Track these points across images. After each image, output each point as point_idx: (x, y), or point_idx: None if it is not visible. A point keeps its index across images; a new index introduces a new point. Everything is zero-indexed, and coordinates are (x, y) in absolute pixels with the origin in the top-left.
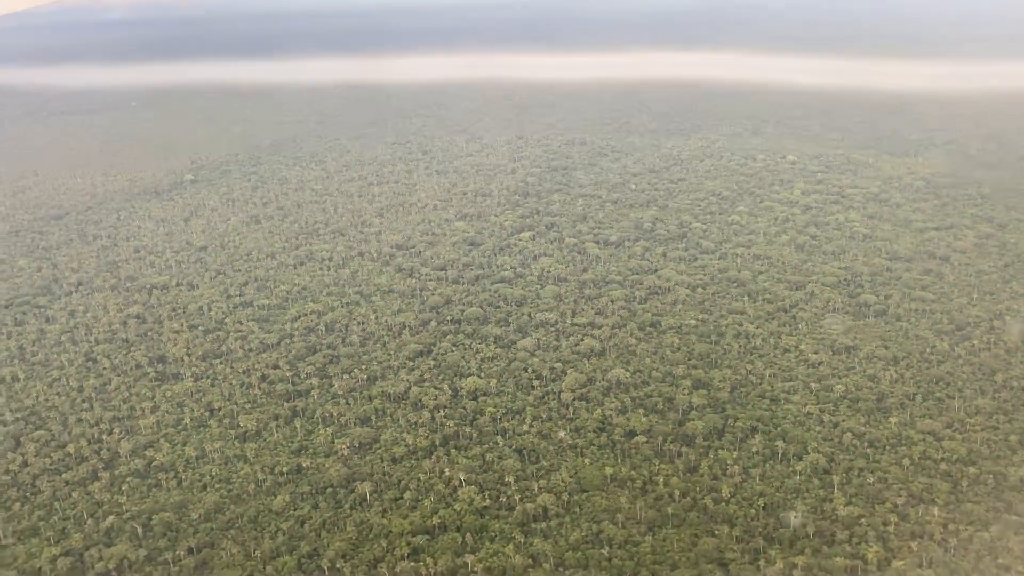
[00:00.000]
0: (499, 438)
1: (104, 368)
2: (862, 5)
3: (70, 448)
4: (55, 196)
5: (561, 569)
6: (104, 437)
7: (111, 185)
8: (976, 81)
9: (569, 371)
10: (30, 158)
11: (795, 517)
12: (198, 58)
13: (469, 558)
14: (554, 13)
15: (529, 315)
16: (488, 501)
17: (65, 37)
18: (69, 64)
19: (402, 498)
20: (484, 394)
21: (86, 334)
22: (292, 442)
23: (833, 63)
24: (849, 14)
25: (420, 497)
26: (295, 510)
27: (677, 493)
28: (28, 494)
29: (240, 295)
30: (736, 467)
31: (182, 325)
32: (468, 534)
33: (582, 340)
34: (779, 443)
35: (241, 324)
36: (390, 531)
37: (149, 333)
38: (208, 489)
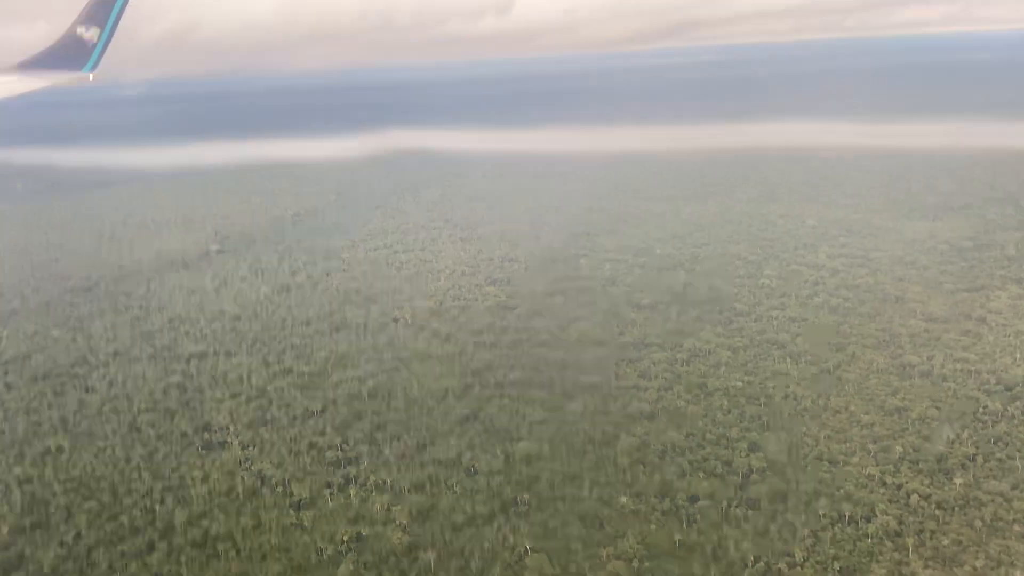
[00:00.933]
0: (560, 504)
1: (149, 437)
2: (846, 67)
3: (123, 519)
4: (83, 268)
5: None
6: (157, 507)
7: (138, 257)
8: (981, 140)
9: (622, 435)
10: (55, 231)
11: None
12: (214, 135)
13: None
14: (557, 88)
15: (573, 378)
16: (557, 569)
17: (84, 115)
18: (88, 141)
19: (468, 567)
20: (538, 459)
21: (127, 404)
22: (348, 510)
23: (833, 126)
24: (832, 77)
25: (487, 566)
26: None
27: (750, 558)
28: (84, 566)
29: (279, 362)
30: (806, 530)
31: (224, 394)
32: None
33: (630, 403)
34: (845, 505)
35: (283, 391)
36: None
37: (191, 402)
38: (268, 559)
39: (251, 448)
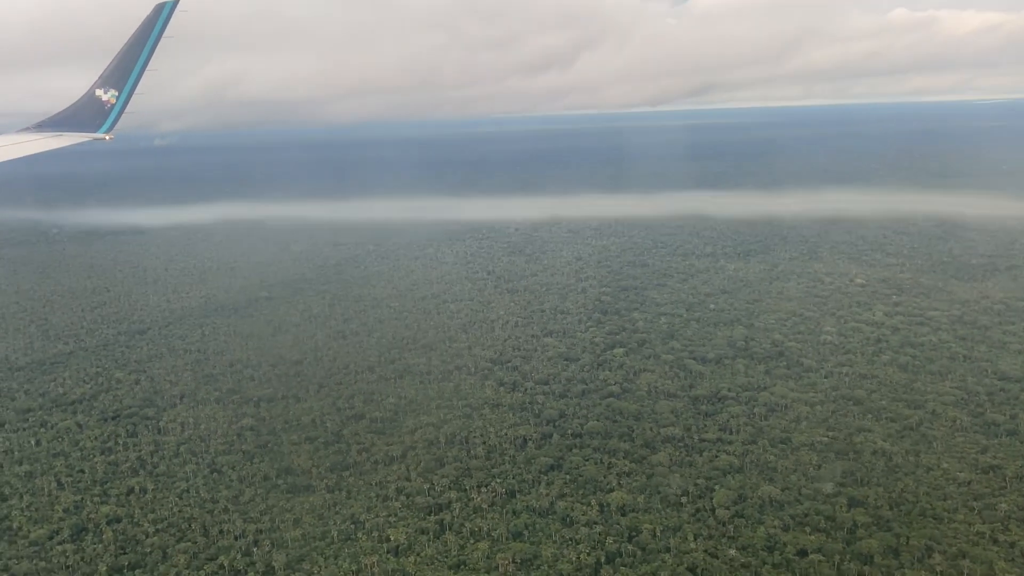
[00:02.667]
0: (665, 556)
1: (232, 479)
2: (861, 132)
3: (222, 560)
4: (133, 311)
5: None
6: (253, 549)
7: (185, 302)
8: (1014, 210)
9: (716, 487)
10: (98, 276)
11: None
12: (246, 186)
13: None
14: (584, 147)
15: (652, 430)
16: None
17: (115, 165)
18: (119, 191)
19: None
20: (632, 510)
21: (204, 445)
22: (447, 556)
23: (858, 192)
24: (848, 140)
25: None
26: None
27: None
28: None
29: (350, 407)
30: None
31: (300, 437)
32: None
33: (717, 456)
34: (963, 562)
35: (359, 436)
36: None
37: (268, 444)
38: None
39: (337, 492)
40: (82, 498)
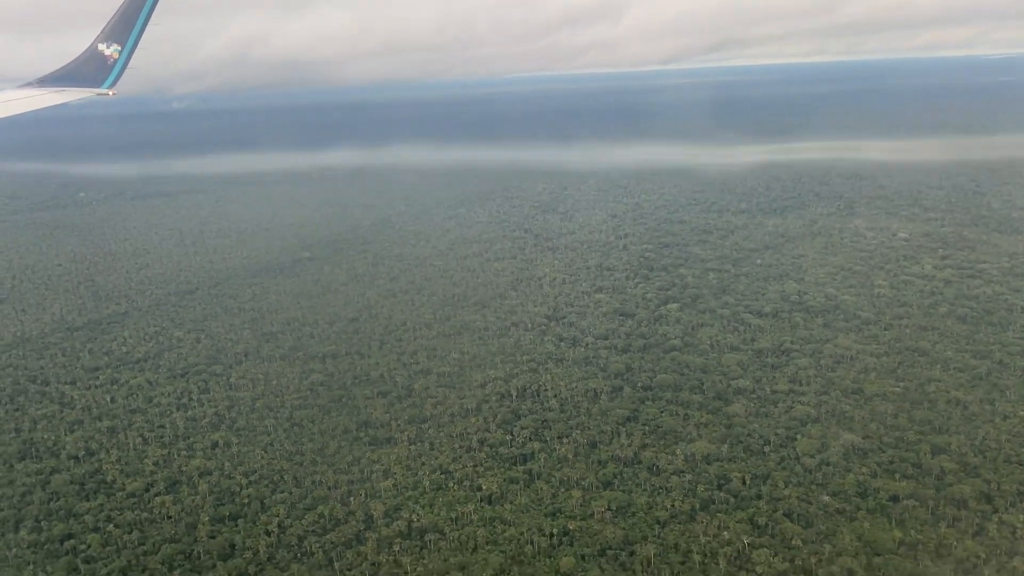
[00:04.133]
0: (759, 503)
1: (313, 433)
2: (878, 87)
3: (321, 510)
4: (178, 272)
5: None
6: (350, 499)
7: (228, 263)
8: None
9: (796, 437)
10: (134, 238)
11: None
12: (266, 146)
13: None
14: (608, 104)
15: (721, 382)
16: (785, 564)
17: (134, 127)
18: (138, 152)
19: (689, 560)
20: (717, 459)
21: (278, 400)
22: (540, 504)
23: (886, 150)
24: (866, 96)
25: (709, 560)
26: (584, 572)
27: (982, 555)
28: (299, 555)
29: (415, 363)
30: None
31: (372, 392)
32: None
33: (792, 407)
34: None
35: (430, 390)
36: None
37: (342, 399)
38: (479, 550)
39: (419, 444)
40: (168, 452)
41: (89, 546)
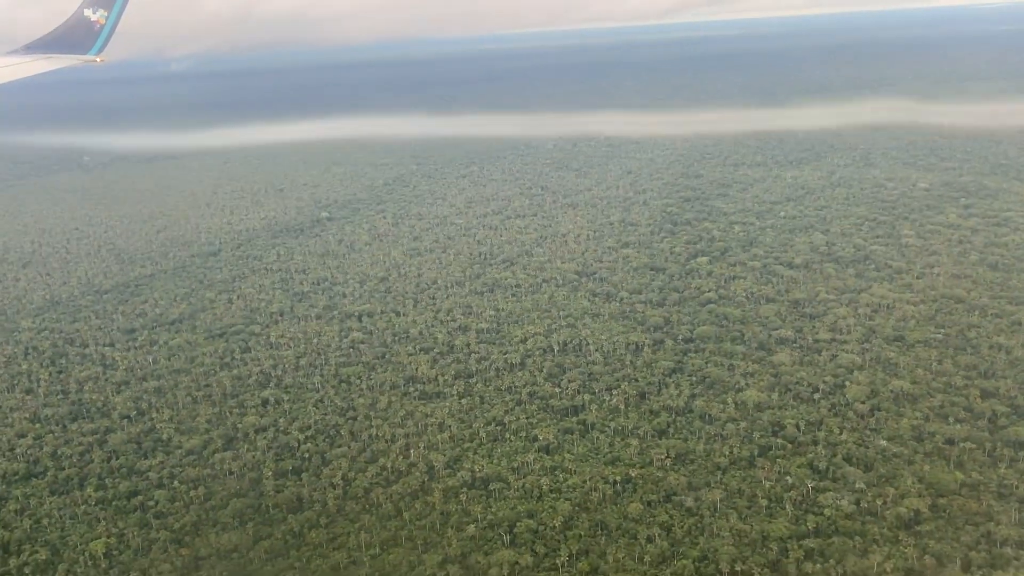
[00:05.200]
0: (816, 448)
1: (362, 388)
2: (874, 39)
3: (383, 462)
4: (198, 235)
5: (972, 569)
6: (410, 452)
7: (247, 224)
8: None
9: (845, 384)
10: (148, 201)
11: None
12: (267, 109)
13: (874, 558)
14: (611, 60)
15: (762, 333)
16: (852, 506)
17: (133, 91)
18: (139, 117)
19: (755, 503)
20: (768, 407)
21: (322, 358)
22: (598, 453)
23: (893, 102)
24: (867, 49)
25: (775, 503)
26: (653, 516)
27: None
28: (368, 506)
29: (451, 320)
30: None
31: (414, 348)
32: (857, 537)
33: (836, 355)
34: None
35: (471, 346)
36: (767, 535)
37: (385, 356)
38: (545, 499)
39: (469, 398)
40: (220, 410)
41: (157, 502)
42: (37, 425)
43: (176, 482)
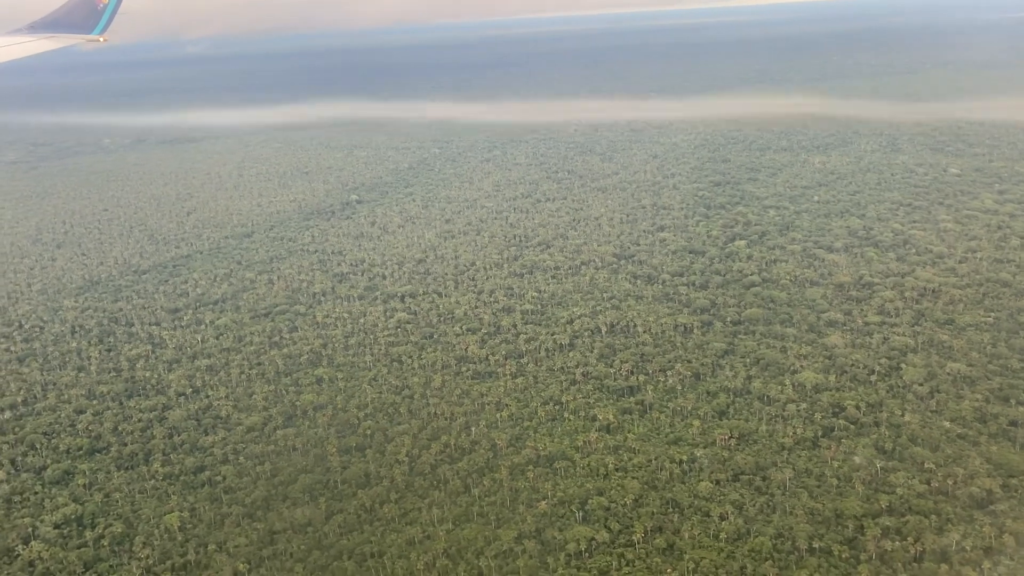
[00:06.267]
0: (880, 428)
1: (414, 368)
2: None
3: (445, 439)
4: (229, 216)
5: None
6: (472, 429)
7: (277, 207)
8: None
9: (900, 366)
10: (174, 183)
11: None
12: (283, 92)
13: (952, 536)
14: (622, 45)
15: (810, 315)
16: (922, 486)
17: (148, 74)
18: (155, 99)
19: (824, 483)
20: (826, 388)
21: (371, 338)
22: (659, 433)
23: (913, 87)
24: (872, 35)
25: (844, 482)
26: (723, 495)
27: None
28: (435, 482)
29: (494, 301)
30: None
31: (461, 328)
32: (932, 516)
33: (889, 337)
34: None
35: (518, 327)
36: (841, 513)
37: (433, 336)
38: (611, 477)
39: (522, 377)
40: (275, 388)
41: (224, 478)
42: (94, 402)
43: (241, 458)
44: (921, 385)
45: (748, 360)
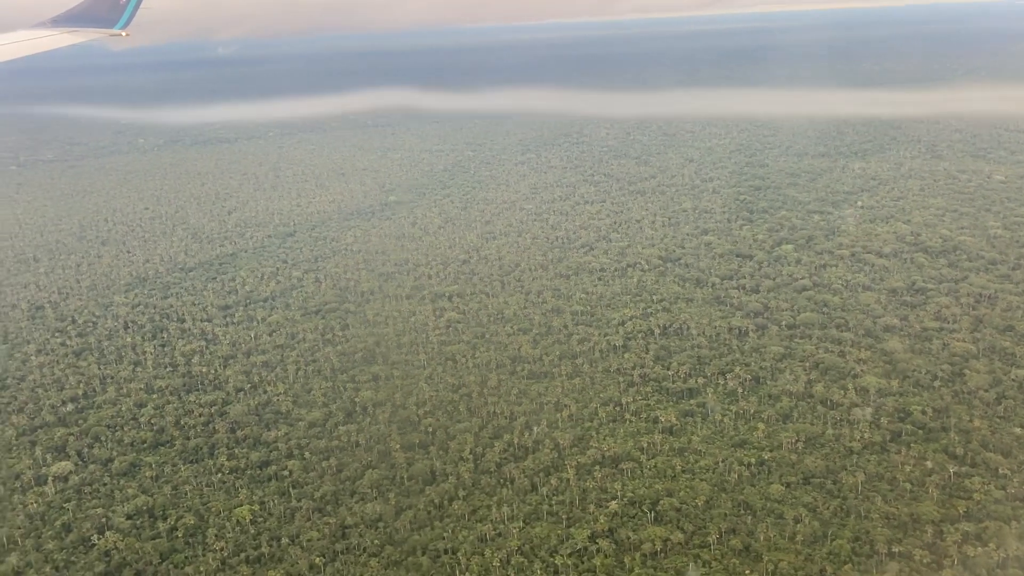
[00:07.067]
0: (949, 434)
1: (468, 366)
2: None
3: (508, 439)
4: (270, 216)
5: None
6: (534, 429)
7: (316, 207)
8: None
9: (963, 372)
10: (212, 182)
11: None
12: (313, 91)
13: None
14: (653, 50)
15: (866, 321)
16: (999, 492)
17: (181, 74)
18: (188, 98)
19: (897, 487)
20: (889, 393)
21: (422, 336)
22: (723, 436)
23: (944, 95)
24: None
25: (918, 487)
26: (795, 498)
27: None
28: (502, 480)
29: (543, 302)
30: None
31: (512, 328)
32: (1012, 522)
33: (948, 344)
34: None
35: (568, 327)
36: (918, 518)
37: (485, 335)
38: (679, 478)
39: (579, 378)
40: (333, 384)
41: (291, 472)
42: (154, 396)
43: (306, 453)
44: (987, 391)
45: (807, 364)
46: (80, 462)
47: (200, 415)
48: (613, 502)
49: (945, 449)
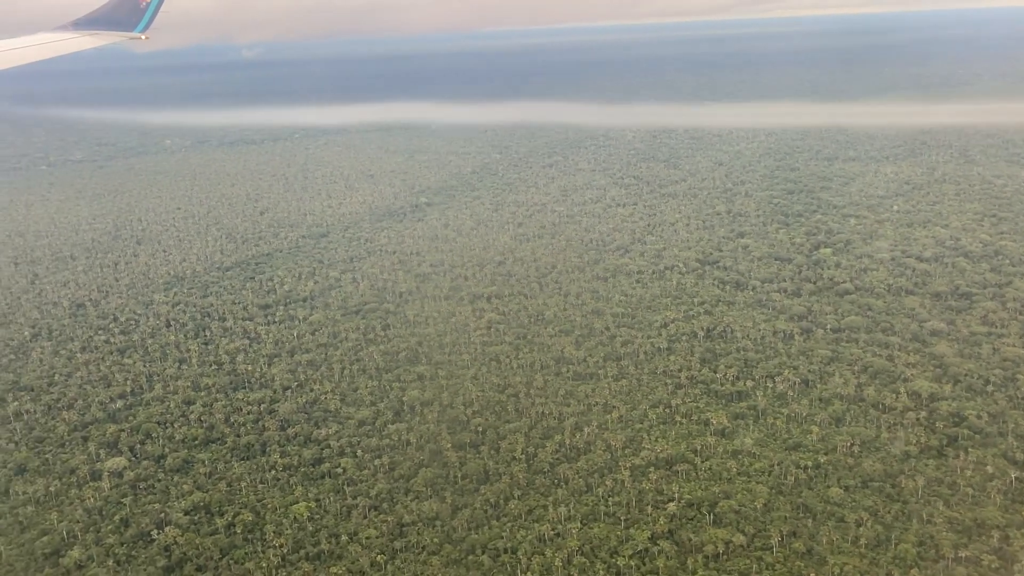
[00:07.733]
0: (1007, 439)
1: (512, 367)
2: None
3: (558, 439)
4: (302, 216)
5: None
6: (584, 430)
7: (347, 208)
8: None
9: (1018, 377)
10: (242, 183)
11: None
12: (339, 95)
13: None
14: (672, 55)
15: (912, 324)
16: None
17: (207, 76)
18: (214, 101)
19: (959, 492)
20: (941, 398)
21: (464, 337)
22: (776, 439)
23: (974, 102)
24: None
25: (979, 492)
26: (856, 501)
27: None
28: (556, 481)
29: (582, 303)
30: None
31: (554, 330)
32: None
33: (998, 348)
34: None
35: (611, 329)
36: (982, 523)
37: (527, 336)
38: (735, 481)
39: (624, 380)
40: (379, 383)
41: (344, 470)
42: (201, 393)
43: (359, 451)
44: None
45: (856, 368)
46: (133, 458)
47: (249, 412)
48: (671, 504)
49: (1004, 454)
